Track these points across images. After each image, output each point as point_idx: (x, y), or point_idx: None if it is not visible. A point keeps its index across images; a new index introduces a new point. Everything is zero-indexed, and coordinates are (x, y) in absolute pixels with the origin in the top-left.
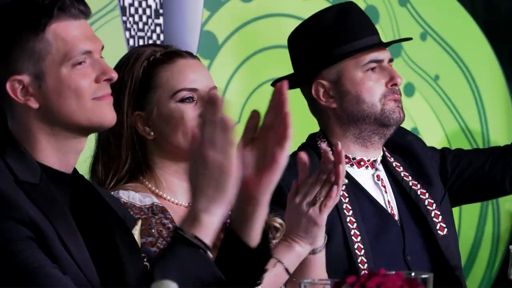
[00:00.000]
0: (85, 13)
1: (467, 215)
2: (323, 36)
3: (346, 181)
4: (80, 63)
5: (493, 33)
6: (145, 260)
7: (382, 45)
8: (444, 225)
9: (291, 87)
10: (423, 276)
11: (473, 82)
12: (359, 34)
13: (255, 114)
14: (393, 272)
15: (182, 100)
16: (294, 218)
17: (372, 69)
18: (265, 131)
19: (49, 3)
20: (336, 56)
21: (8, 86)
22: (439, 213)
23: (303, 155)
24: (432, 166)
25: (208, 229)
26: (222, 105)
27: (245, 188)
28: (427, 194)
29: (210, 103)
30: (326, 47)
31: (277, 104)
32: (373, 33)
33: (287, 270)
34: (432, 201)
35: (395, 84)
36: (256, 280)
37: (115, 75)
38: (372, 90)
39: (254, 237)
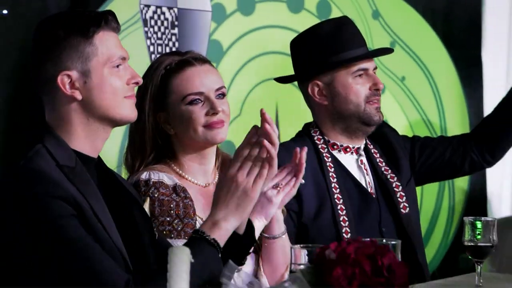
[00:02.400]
0: (118, 29)
1: (427, 191)
2: (321, 45)
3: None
4: (117, 66)
5: (450, 42)
6: (154, 230)
7: (369, 57)
8: (406, 205)
9: (291, 81)
10: (393, 242)
11: (433, 82)
12: (351, 46)
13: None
14: (368, 239)
15: (191, 103)
16: None
17: (360, 75)
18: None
19: (98, 16)
20: (331, 64)
21: (59, 79)
22: (403, 194)
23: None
24: (403, 152)
25: (224, 234)
26: (268, 144)
27: None
28: (395, 178)
29: (252, 142)
30: (324, 55)
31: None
32: (362, 44)
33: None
34: (399, 184)
35: (377, 89)
36: (242, 260)
37: (140, 80)
38: (358, 93)
39: (241, 227)
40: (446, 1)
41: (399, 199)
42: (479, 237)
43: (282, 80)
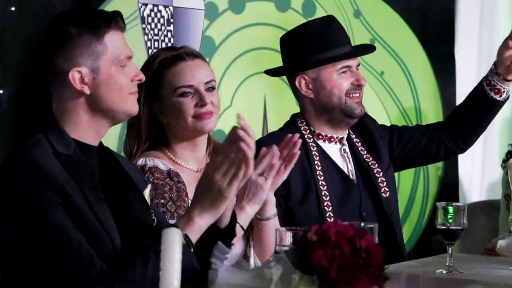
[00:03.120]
0: (124, 28)
1: (404, 178)
2: (309, 42)
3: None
4: (124, 65)
5: (425, 39)
6: (153, 214)
7: (353, 56)
8: (387, 189)
9: (280, 75)
10: (370, 225)
11: (410, 76)
12: (336, 44)
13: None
14: (347, 223)
15: (182, 95)
16: (243, 187)
17: (344, 71)
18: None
19: (108, 16)
20: (318, 61)
21: (70, 75)
22: (384, 179)
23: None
24: (382, 141)
25: (197, 229)
26: (244, 146)
27: None
28: (376, 165)
29: (232, 142)
30: (311, 52)
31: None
32: (346, 43)
33: (241, 226)
34: (380, 170)
35: (359, 85)
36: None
37: (143, 77)
38: (341, 87)
39: (224, 221)
40: (422, 1)
41: (380, 184)
42: (450, 221)
43: (271, 72)
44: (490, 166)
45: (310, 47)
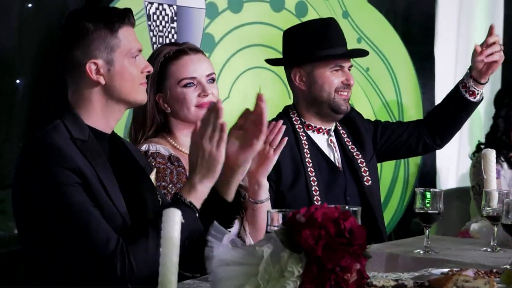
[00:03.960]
0: (134, 24)
1: (386, 165)
2: (309, 40)
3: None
4: (135, 57)
5: (407, 39)
6: (158, 196)
7: (347, 57)
8: (369, 178)
9: (278, 65)
10: (353, 209)
11: (393, 73)
12: (333, 44)
13: (246, 112)
14: (333, 206)
15: (185, 86)
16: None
17: (336, 70)
18: (249, 125)
19: (122, 13)
20: (315, 57)
21: (87, 66)
22: (367, 169)
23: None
24: (367, 134)
25: (200, 196)
26: (221, 114)
27: (228, 162)
28: (360, 155)
29: (213, 111)
30: (310, 48)
31: (258, 109)
32: (342, 44)
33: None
34: (363, 160)
35: (348, 84)
36: (229, 224)
37: (151, 69)
38: (332, 83)
39: (230, 195)
40: (405, 5)
41: (363, 173)
42: (428, 205)
43: (272, 62)
44: (464, 157)
45: (309, 44)
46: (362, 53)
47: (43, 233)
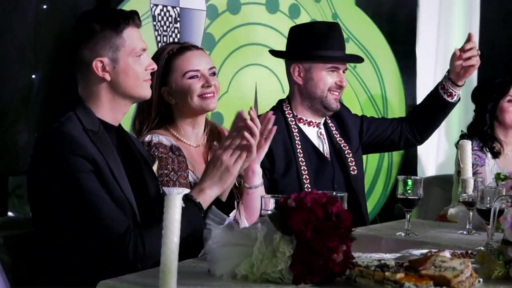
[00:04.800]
0: (140, 25)
1: (371, 155)
2: (312, 39)
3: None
4: (139, 55)
5: (392, 39)
6: (160, 186)
7: (343, 61)
8: (355, 168)
9: (280, 57)
10: (340, 195)
11: (378, 70)
12: (332, 47)
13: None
14: (321, 192)
15: (190, 78)
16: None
17: (332, 71)
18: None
19: (127, 15)
20: (314, 56)
21: (93, 64)
22: (353, 159)
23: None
24: (354, 127)
25: (208, 200)
26: (252, 131)
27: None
28: (347, 147)
29: (239, 129)
30: (311, 48)
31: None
32: (341, 48)
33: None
34: (350, 152)
35: (341, 86)
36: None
37: (155, 67)
38: (326, 83)
39: (224, 196)
40: (389, 7)
41: (349, 163)
42: (409, 191)
43: (274, 53)
44: (442, 148)
45: (311, 43)
46: (357, 59)
47: (56, 217)
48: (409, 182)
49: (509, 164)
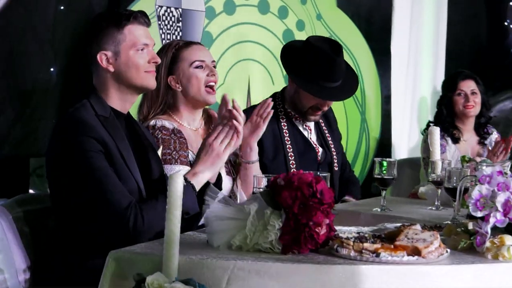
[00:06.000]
0: (148, 23)
1: (351, 139)
2: (307, 69)
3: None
4: (142, 49)
5: (369, 38)
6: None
7: (332, 99)
8: (337, 166)
9: (283, 65)
10: (324, 174)
11: (357, 65)
12: (326, 79)
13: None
14: (307, 172)
15: (196, 67)
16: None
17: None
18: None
19: (128, 14)
20: (305, 87)
21: (98, 56)
22: (336, 158)
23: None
24: (338, 136)
25: (200, 182)
26: (236, 119)
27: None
28: (333, 145)
29: (227, 119)
30: (304, 76)
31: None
32: (335, 80)
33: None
34: (335, 150)
35: (321, 109)
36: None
37: (159, 60)
38: (310, 103)
39: (213, 179)
40: (367, 9)
41: (334, 160)
42: (385, 172)
43: (282, 60)
44: (413, 134)
45: (306, 72)
46: (339, 98)
47: (70, 192)
48: (384, 164)
49: (469, 149)
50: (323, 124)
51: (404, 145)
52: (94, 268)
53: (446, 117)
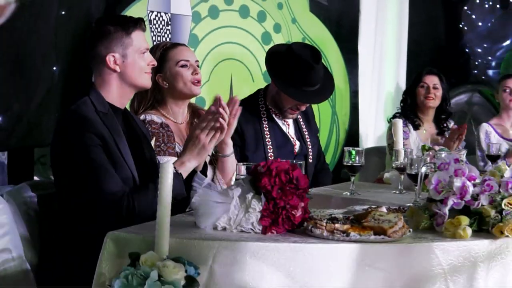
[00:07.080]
0: (145, 29)
1: (323, 129)
2: (287, 74)
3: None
4: (143, 53)
5: (339, 39)
6: (156, 158)
7: (309, 102)
8: (311, 158)
9: (268, 68)
10: (299, 162)
11: (328, 63)
12: (306, 83)
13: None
14: (284, 160)
15: (182, 66)
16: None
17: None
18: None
19: (135, 20)
20: (286, 91)
21: (107, 58)
22: (311, 151)
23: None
24: (315, 130)
25: (187, 170)
26: (223, 117)
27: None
28: (309, 139)
29: (213, 113)
30: (285, 82)
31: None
32: (313, 84)
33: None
34: (310, 144)
35: (299, 109)
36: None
37: (155, 63)
38: (288, 103)
39: (199, 167)
40: (337, 14)
41: (309, 153)
42: (353, 159)
43: (267, 66)
44: (379, 125)
45: (287, 78)
46: (316, 101)
47: (72, 181)
48: (353, 152)
49: (428, 137)
50: (301, 120)
51: (371, 135)
52: (94, 268)
53: (409, 105)
